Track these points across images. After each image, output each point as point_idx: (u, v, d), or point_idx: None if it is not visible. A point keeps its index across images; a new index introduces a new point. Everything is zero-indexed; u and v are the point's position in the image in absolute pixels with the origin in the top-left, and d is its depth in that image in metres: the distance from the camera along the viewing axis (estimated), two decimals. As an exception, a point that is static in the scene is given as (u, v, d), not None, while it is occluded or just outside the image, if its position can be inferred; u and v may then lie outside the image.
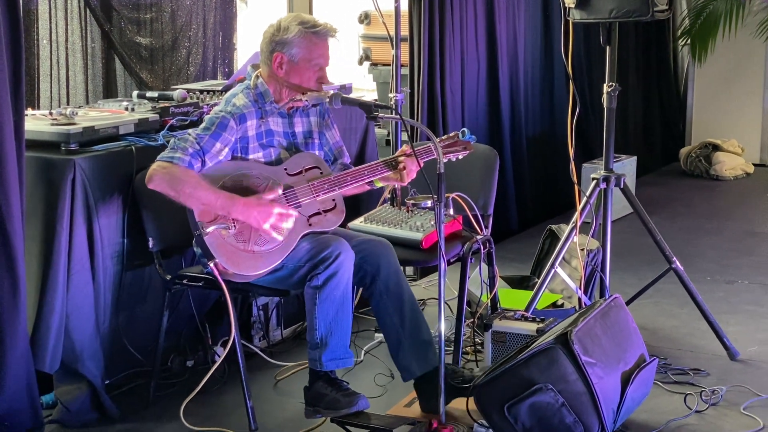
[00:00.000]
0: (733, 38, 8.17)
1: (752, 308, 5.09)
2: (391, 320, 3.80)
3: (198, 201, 3.56)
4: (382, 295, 3.80)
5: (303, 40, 3.76)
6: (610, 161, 4.54)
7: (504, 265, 5.18)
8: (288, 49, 3.76)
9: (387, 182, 3.94)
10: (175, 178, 3.56)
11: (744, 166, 8.44)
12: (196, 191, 3.55)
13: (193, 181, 3.56)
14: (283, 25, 3.79)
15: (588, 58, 7.40)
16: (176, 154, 3.61)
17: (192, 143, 3.64)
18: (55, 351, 3.64)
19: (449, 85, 5.92)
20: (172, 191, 3.56)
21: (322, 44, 3.80)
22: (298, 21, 3.79)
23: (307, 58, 3.77)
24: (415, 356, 3.77)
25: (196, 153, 3.62)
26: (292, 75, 3.78)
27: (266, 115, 3.80)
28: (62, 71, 4.68)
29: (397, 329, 3.79)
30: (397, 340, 3.80)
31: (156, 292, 4.03)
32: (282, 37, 3.77)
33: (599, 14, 4.27)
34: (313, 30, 3.77)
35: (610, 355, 3.56)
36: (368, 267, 3.79)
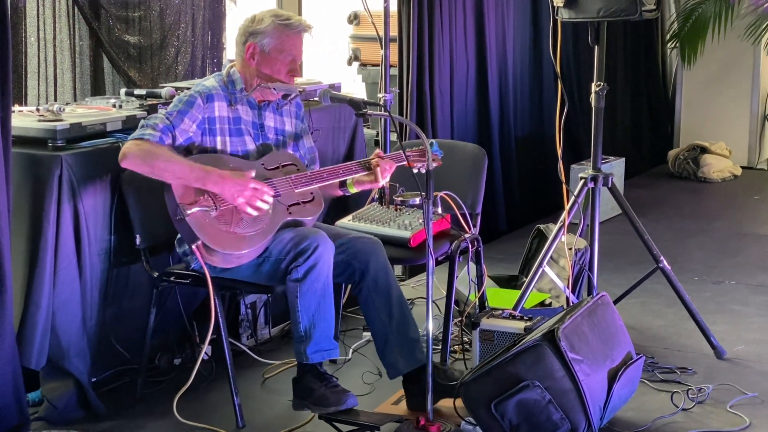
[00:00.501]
0: (722, 41, 8.19)
1: (739, 308, 5.11)
2: (379, 317, 3.80)
3: (172, 174, 3.55)
4: (371, 292, 3.80)
5: (275, 32, 3.78)
6: (598, 161, 4.55)
7: (492, 264, 5.18)
8: (260, 39, 3.79)
9: (362, 186, 3.97)
10: (147, 153, 3.56)
11: (732, 169, 8.47)
12: (170, 164, 3.55)
13: (166, 155, 3.57)
14: (258, 17, 3.84)
15: (576, 60, 7.42)
16: (146, 131, 3.63)
17: (162, 119, 3.66)
18: (41, 348, 3.62)
19: (438, 85, 5.93)
20: (146, 166, 3.56)
21: (294, 37, 3.82)
22: (273, 14, 3.84)
23: (279, 49, 3.79)
24: (401, 353, 3.78)
25: (166, 128, 3.64)
26: (263, 65, 3.80)
27: (236, 102, 3.81)
28: (50, 69, 4.68)
29: (385, 326, 3.80)
30: (384, 337, 3.80)
31: (143, 290, 4.02)
32: (255, 28, 3.80)
33: (587, 13, 4.29)
34: (286, 23, 3.81)
35: (596, 353, 3.57)
36: (357, 264, 3.80)
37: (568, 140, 4.59)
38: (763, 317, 4.97)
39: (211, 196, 3.58)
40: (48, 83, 4.67)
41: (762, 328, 4.83)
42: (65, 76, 4.75)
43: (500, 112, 6.56)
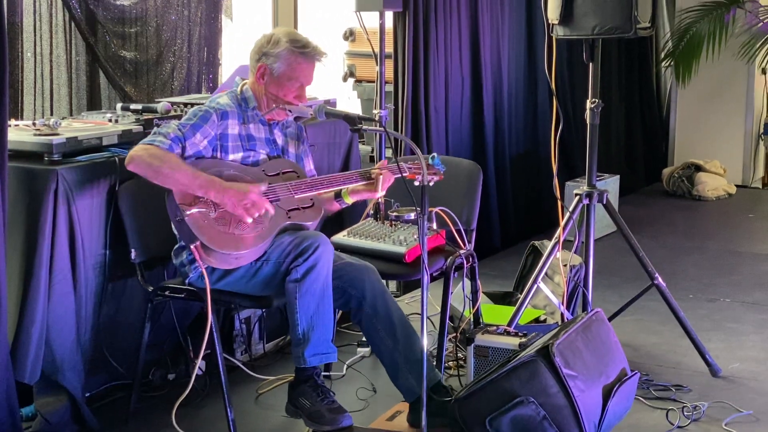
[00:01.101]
0: (716, 60, 8.22)
1: (734, 326, 5.11)
2: (385, 344, 3.80)
3: (177, 182, 3.58)
4: (372, 319, 3.80)
5: (288, 57, 3.80)
6: (593, 177, 4.56)
7: (487, 281, 5.18)
8: (272, 61, 3.81)
9: (359, 196, 3.97)
10: (155, 158, 3.58)
11: (726, 187, 8.49)
12: (175, 172, 3.57)
13: (172, 162, 3.59)
14: (274, 38, 3.84)
15: (571, 79, 7.44)
16: (157, 138, 3.66)
17: (174, 129, 3.69)
18: (35, 362, 3.61)
19: (433, 102, 5.95)
20: (151, 171, 3.58)
21: (306, 65, 3.84)
22: (289, 38, 3.83)
23: (288, 75, 3.81)
24: (413, 375, 3.75)
25: (177, 138, 3.66)
26: (271, 86, 3.83)
27: (248, 121, 3.84)
28: (46, 84, 4.68)
29: (392, 352, 3.79)
30: (394, 363, 3.80)
31: (138, 304, 4.02)
32: (269, 50, 3.82)
33: (582, 31, 4.30)
34: (300, 50, 3.81)
35: (591, 369, 3.57)
36: (353, 291, 3.81)
37: (562, 157, 4.61)
38: (758, 335, 4.97)
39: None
40: (44, 98, 4.67)
41: (757, 345, 4.83)
42: (61, 90, 4.75)
43: (495, 128, 6.58)
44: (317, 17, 6.50)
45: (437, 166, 4.07)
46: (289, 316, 3.68)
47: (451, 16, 6.07)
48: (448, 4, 6.03)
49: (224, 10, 5.47)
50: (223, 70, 5.46)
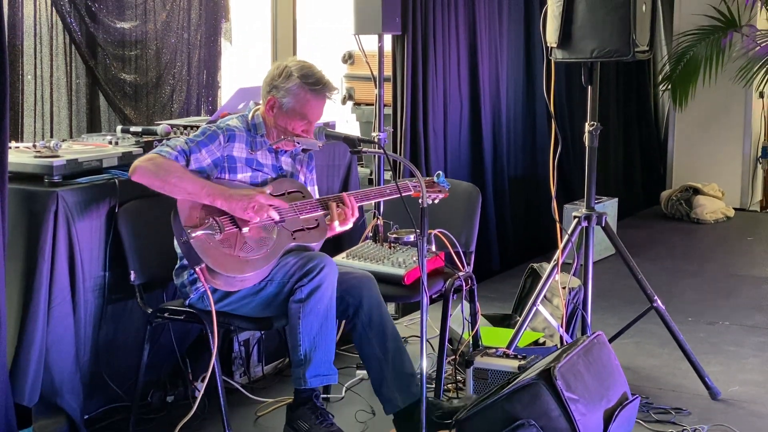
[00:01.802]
0: (714, 84, 8.25)
1: (733, 349, 5.11)
2: (374, 353, 3.80)
3: (184, 191, 3.59)
4: (365, 327, 3.81)
5: (299, 93, 3.81)
6: (592, 200, 4.57)
7: (486, 304, 5.17)
8: (282, 95, 3.82)
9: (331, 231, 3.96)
10: (161, 168, 3.61)
11: (724, 210, 8.49)
12: (182, 181, 3.59)
13: (179, 172, 3.62)
14: (286, 71, 3.83)
15: (570, 102, 7.46)
16: (164, 149, 3.69)
17: (181, 143, 3.72)
18: (34, 384, 3.60)
19: (432, 125, 5.96)
20: (158, 180, 3.59)
21: (315, 102, 3.84)
22: (301, 73, 3.82)
23: (297, 111, 3.82)
24: (398, 388, 3.77)
25: (183, 151, 3.69)
26: (279, 118, 3.84)
27: (256, 147, 3.85)
28: (46, 106, 4.70)
29: (380, 361, 3.79)
30: (380, 373, 3.80)
31: (137, 326, 4.01)
32: (280, 83, 3.82)
33: (581, 54, 4.31)
34: (311, 87, 3.81)
35: (592, 392, 3.56)
36: (351, 299, 3.81)
37: (561, 180, 4.62)
38: (757, 358, 4.97)
39: (216, 220, 3.59)
40: (44, 120, 4.69)
41: (757, 369, 4.82)
42: (62, 113, 4.76)
43: (494, 151, 6.59)
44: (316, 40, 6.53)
45: (442, 183, 4.08)
46: (291, 337, 3.68)
47: (450, 39, 6.10)
48: (446, 27, 6.06)
49: (224, 34, 5.49)
50: (222, 93, 5.48)
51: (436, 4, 5.94)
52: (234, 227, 3.64)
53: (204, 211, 3.64)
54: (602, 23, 4.23)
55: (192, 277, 3.73)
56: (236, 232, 3.64)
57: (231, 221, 3.64)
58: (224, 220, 3.63)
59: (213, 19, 5.40)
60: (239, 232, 3.64)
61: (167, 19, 5.16)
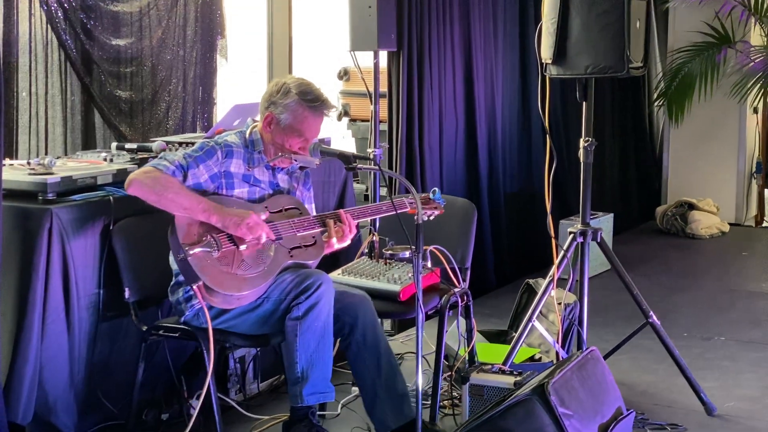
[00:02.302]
0: (708, 99, 8.28)
1: (729, 364, 5.10)
2: (368, 372, 3.79)
3: (180, 206, 3.59)
4: (359, 347, 3.80)
5: (297, 110, 3.81)
6: (587, 215, 4.57)
7: (481, 320, 5.17)
8: (280, 111, 3.82)
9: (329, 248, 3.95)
10: (157, 182, 3.60)
11: (720, 225, 8.50)
12: (178, 196, 3.59)
13: (176, 187, 3.61)
14: (285, 88, 3.84)
15: (565, 118, 7.47)
16: (162, 163, 3.68)
17: (179, 157, 3.71)
18: (28, 402, 3.59)
19: (427, 141, 5.97)
20: (154, 195, 3.59)
21: (313, 119, 3.85)
22: (299, 90, 3.83)
23: (295, 127, 3.82)
24: (390, 409, 3.76)
25: (180, 165, 3.68)
26: (277, 135, 3.85)
27: (253, 164, 3.85)
28: (41, 123, 4.69)
29: (374, 381, 3.79)
30: (373, 393, 3.79)
31: (132, 344, 3.99)
32: (278, 99, 3.83)
33: (575, 70, 4.33)
34: (309, 104, 3.82)
35: (587, 407, 3.56)
36: (346, 318, 3.81)
37: (556, 196, 4.62)
38: (753, 373, 4.96)
39: (214, 237, 3.59)
40: (39, 138, 4.68)
41: (752, 384, 4.82)
42: (56, 130, 4.76)
43: (489, 167, 6.60)
44: (312, 57, 6.54)
45: (438, 200, 4.09)
46: (287, 355, 3.67)
47: (446, 56, 6.11)
48: (442, 43, 6.08)
49: (219, 50, 5.49)
50: (217, 109, 5.47)
51: (432, 21, 5.96)
52: (231, 245, 3.64)
53: (201, 228, 3.63)
54: (596, 39, 4.25)
55: (187, 294, 3.72)
56: (234, 249, 3.64)
57: (228, 239, 3.64)
58: (222, 237, 3.63)
59: (209, 35, 5.40)
60: (237, 250, 3.64)
61: (163, 35, 5.16)
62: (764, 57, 8.08)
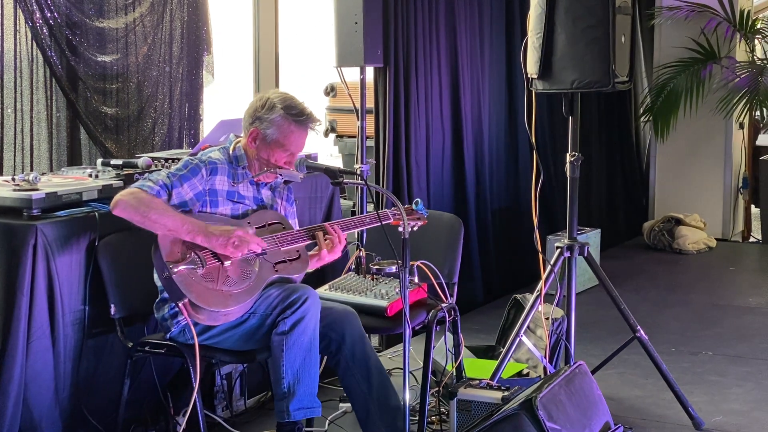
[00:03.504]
0: (694, 115, 8.32)
1: (717, 379, 5.10)
2: (359, 388, 3.78)
3: (164, 226, 3.57)
4: (349, 363, 3.79)
5: (282, 125, 3.81)
6: (574, 230, 4.57)
7: (469, 336, 5.16)
8: (265, 127, 3.82)
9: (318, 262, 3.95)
10: (142, 203, 3.58)
11: (707, 240, 8.52)
12: (162, 217, 3.57)
13: (160, 208, 3.59)
14: (269, 103, 3.83)
15: (552, 133, 7.48)
16: (146, 183, 3.67)
17: (164, 177, 3.70)
18: (12, 420, 3.56)
19: (414, 157, 5.97)
20: (138, 215, 3.57)
21: (299, 134, 3.85)
22: (284, 104, 3.83)
23: (280, 143, 3.82)
24: (384, 423, 3.75)
25: (164, 185, 3.67)
26: (262, 151, 3.84)
27: (237, 179, 3.84)
28: (26, 140, 4.67)
29: (365, 397, 3.77)
30: (366, 408, 3.78)
31: (117, 360, 3.97)
32: (263, 114, 3.82)
33: (561, 85, 4.33)
34: (294, 118, 3.82)
35: (575, 422, 3.55)
36: (333, 335, 3.79)
37: (543, 211, 4.63)
38: (741, 387, 4.96)
39: (197, 254, 3.58)
40: (24, 154, 4.66)
41: (740, 398, 4.82)
42: (42, 146, 4.74)
43: (476, 183, 6.60)
44: (298, 72, 6.54)
45: (420, 211, 4.09)
46: (273, 370, 3.65)
47: (432, 71, 6.12)
48: (428, 59, 6.09)
49: (206, 67, 5.49)
50: (204, 125, 5.46)
51: (418, 36, 5.98)
52: (216, 261, 3.62)
53: (185, 245, 3.62)
54: (582, 54, 4.26)
55: (173, 311, 3.71)
56: (218, 266, 3.62)
57: (213, 255, 3.63)
58: (206, 254, 3.61)
59: (195, 52, 5.40)
60: (221, 266, 3.62)
61: (149, 52, 5.15)
62: (749, 72, 8.13)
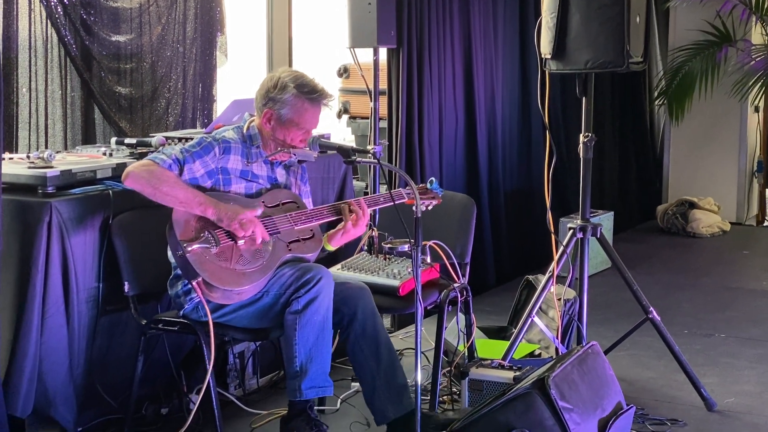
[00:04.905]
0: (709, 98, 8.28)
1: (729, 361, 5.10)
2: (367, 363, 3.79)
3: (175, 199, 3.59)
4: (358, 338, 3.80)
5: (295, 104, 3.81)
6: (587, 211, 4.57)
7: (481, 317, 5.16)
8: (279, 107, 3.81)
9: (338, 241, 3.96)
10: (153, 175, 3.60)
11: (720, 224, 8.49)
12: (174, 190, 3.59)
13: (171, 181, 3.61)
14: (281, 83, 3.83)
15: (564, 116, 7.46)
16: (159, 156, 3.69)
17: (177, 152, 3.72)
18: (27, 395, 3.58)
19: (427, 138, 5.97)
20: (150, 188, 3.59)
21: (313, 111, 3.85)
22: (296, 83, 3.82)
23: (295, 122, 3.82)
24: (390, 400, 3.76)
25: (177, 160, 3.69)
26: (278, 131, 3.84)
27: (251, 159, 3.85)
28: (41, 119, 4.68)
29: (373, 372, 3.78)
30: (372, 384, 3.79)
31: (131, 338, 3.99)
32: (276, 95, 3.82)
33: (575, 65, 4.32)
34: (308, 96, 3.82)
35: (587, 401, 3.55)
36: (346, 309, 3.80)
37: (556, 194, 4.61)
38: (753, 369, 4.96)
39: (211, 233, 3.59)
40: (39, 133, 4.67)
41: (753, 380, 4.81)
42: (56, 126, 4.75)
43: (489, 164, 6.60)
44: (311, 53, 6.54)
45: (435, 190, 4.09)
46: (286, 349, 3.67)
47: (445, 52, 6.11)
48: (441, 39, 6.07)
49: (219, 47, 5.49)
50: (217, 106, 5.47)
51: (432, 18, 5.96)
52: (229, 240, 3.63)
53: (199, 224, 3.63)
54: (596, 34, 4.24)
55: (186, 288, 3.72)
56: (232, 245, 3.63)
57: (226, 234, 3.64)
58: (219, 233, 3.62)
59: (208, 32, 5.40)
60: (235, 245, 3.64)
61: (162, 32, 5.15)
62: (765, 56, 8.08)
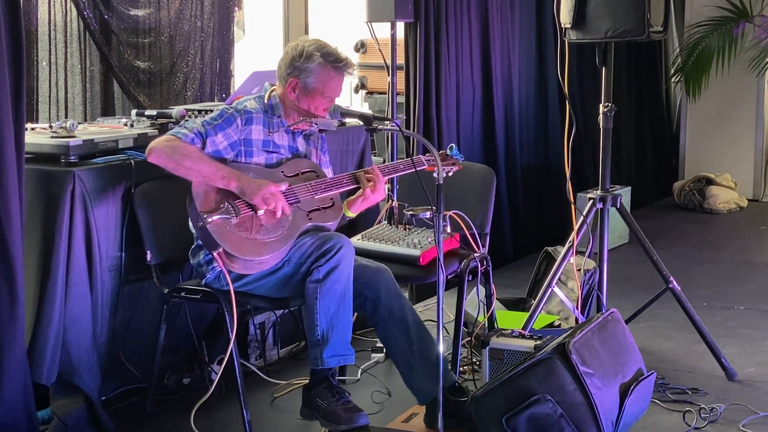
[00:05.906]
0: (726, 74, 8.25)
1: (749, 332, 5.10)
2: (400, 345, 3.80)
3: (199, 173, 3.60)
4: (387, 321, 3.80)
5: (321, 73, 3.81)
6: (607, 182, 4.57)
7: (500, 290, 5.15)
8: (305, 76, 3.82)
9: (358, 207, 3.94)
10: (176, 150, 3.61)
11: (738, 200, 8.47)
12: (197, 164, 3.60)
13: (194, 155, 3.62)
14: (306, 52, 3.83)
15: (581, 90, 7.45)
16: (181, 131, 3.69)
17: (198, 125, 3.72)
18: (52, 363, 3.61)
19: (444, 113, 5.97)
20: (172, 163, 3.60)
21: (338, 79, 3.86)
22: (322, 52, 3.83)
23: (320, 90, 3.82)
24: (429, 378, 3.73)
25: (199, 133, 3.69)
26: (302, 101, 3.84)
27: (273, 128, 3.85)
28: (61, 93, 4.70)
29: (407, 354, 3.79)
30: (408, 365, 3.80)
31: (153, 307, 4.01)
32: (301, 64, 3.82)
33: (595, 34, 4.31)
34: (333, 65, 3.82)
35: (608, 367, 3.56)
36: (368, 293, 3.81)
37: (573, 169, 4.61)
38: (773, 340, 4.97)
39: (231, 204, 3.60)
40: (59, 107, 4.70)
41: (772, 350, 4.82)
42: (76, 99, 4.77)
43: (506, 139, 6.59)
44: (328, 28, 6.54)
45: (455, 156, 4.09)
46: (307, 318, 3.68)
47: (462, 27, 6.10)
48: (459, 14, 6.06)
49: (236, 22, 5.50)
50: (235, 81, 5.48)
51: (449, -9, 5.95)
52: (249, 210, 3.64)
53: (219, 195, 3.64)
54: (616, 3, 4.23)
55: (208, 257, 3.74)
56: (252, 215, 3.64)
57: (246, 204, 3.65)
58: (239, 203, 3.63)
59: (226, 7, 5.41)
60: (255, 215, 3.64)
61: (180, 6, 5.16)
62: (782, 31, 8.05)
